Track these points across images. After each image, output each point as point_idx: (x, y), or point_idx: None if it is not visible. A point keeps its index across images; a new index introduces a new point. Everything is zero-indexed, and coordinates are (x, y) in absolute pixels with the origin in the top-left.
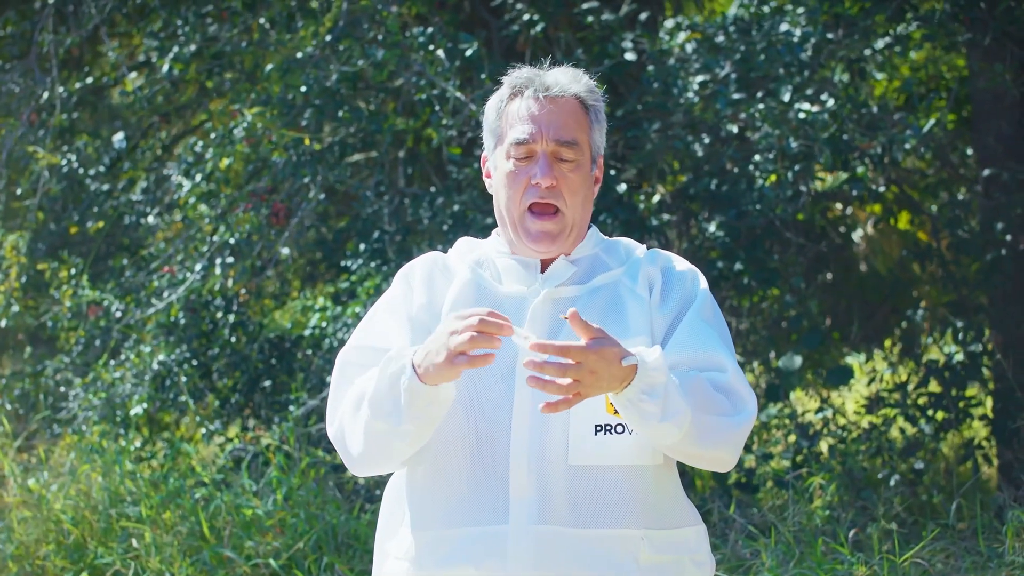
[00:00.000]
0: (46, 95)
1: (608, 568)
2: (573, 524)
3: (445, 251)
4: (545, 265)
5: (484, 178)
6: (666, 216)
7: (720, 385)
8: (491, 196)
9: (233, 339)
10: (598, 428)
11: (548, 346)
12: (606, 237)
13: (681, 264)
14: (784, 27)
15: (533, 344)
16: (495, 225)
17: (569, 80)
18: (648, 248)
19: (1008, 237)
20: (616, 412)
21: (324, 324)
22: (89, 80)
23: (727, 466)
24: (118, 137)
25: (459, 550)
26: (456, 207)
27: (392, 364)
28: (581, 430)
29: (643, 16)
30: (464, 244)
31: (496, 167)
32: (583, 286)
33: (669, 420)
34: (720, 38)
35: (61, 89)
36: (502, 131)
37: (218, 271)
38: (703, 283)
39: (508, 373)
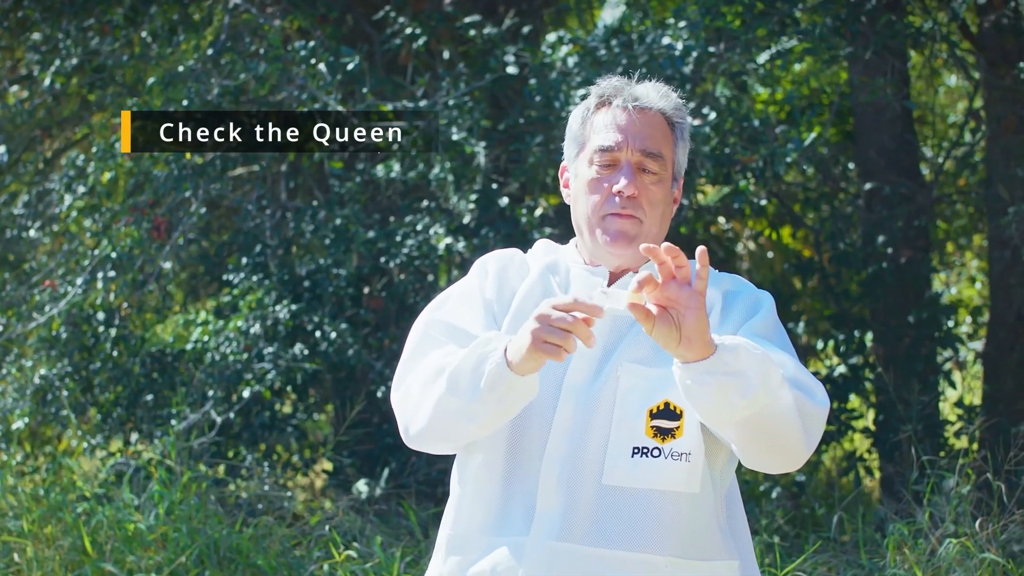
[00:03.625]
0: None
1: None
2: (594, 543)
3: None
4: (614, 279)
5: (562, 188)
6: (548, 230)
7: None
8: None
9: (115, 353)
10: (635, 450)
11: (667, 249)
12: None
13: (743, 286)
14: (666, 40)
15: (645, 248)
16: (377, 239)
17: (658, 95)
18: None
19: (889, 250)
20: (655, 436)
21: (206, 338)
22: None
23: (800, 457)
24: None
25: (478, 557)
26: (338, 221)
27: (482, 346)
28: (618, 451)
29: (525, 30)
30: (543, 245)
31: (576, 175)
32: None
33: (758, 374)
34: (602, 52)
35: None
36: (586, 138)
37: (100, 285)
38: (767, 303)
39: (555, 386)
